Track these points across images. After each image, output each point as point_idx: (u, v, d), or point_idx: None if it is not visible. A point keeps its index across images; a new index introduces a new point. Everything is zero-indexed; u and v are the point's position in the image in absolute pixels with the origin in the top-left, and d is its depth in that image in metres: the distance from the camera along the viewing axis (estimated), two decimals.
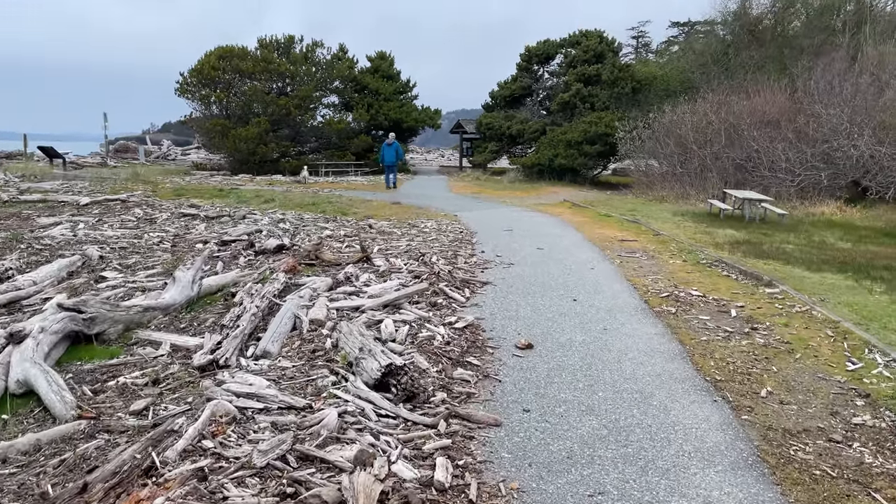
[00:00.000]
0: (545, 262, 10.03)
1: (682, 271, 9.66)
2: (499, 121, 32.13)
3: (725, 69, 30.24)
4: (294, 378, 4.72)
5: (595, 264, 9.97)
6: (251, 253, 9.84)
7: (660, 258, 10.71)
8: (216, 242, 10.99)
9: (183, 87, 30.33)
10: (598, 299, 7.73)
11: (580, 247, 11.62)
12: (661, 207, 19.60)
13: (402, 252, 9.98)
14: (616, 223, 15.10)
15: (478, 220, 14.81)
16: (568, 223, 14.95)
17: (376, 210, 16.06)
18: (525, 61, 33.09)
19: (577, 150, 27.88)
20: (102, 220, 13.68)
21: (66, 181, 20.56)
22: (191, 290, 6.87)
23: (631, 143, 25.89)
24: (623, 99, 29.49)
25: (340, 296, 6.95)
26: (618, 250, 11.35)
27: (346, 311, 6.43)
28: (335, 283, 7.75)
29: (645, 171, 26.13)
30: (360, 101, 33.16)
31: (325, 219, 13.94)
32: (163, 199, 17.42)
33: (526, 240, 12.15)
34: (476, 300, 7.45)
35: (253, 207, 15.76)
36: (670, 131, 24.76)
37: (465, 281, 8.17)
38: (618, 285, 8.51)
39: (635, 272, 9.46)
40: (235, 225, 13.05)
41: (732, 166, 22.68)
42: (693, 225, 15.33)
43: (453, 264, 9.17)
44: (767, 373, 5.41)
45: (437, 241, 11.31)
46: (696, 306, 7.54)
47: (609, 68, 29.58)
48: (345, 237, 11.52)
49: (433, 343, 5.56)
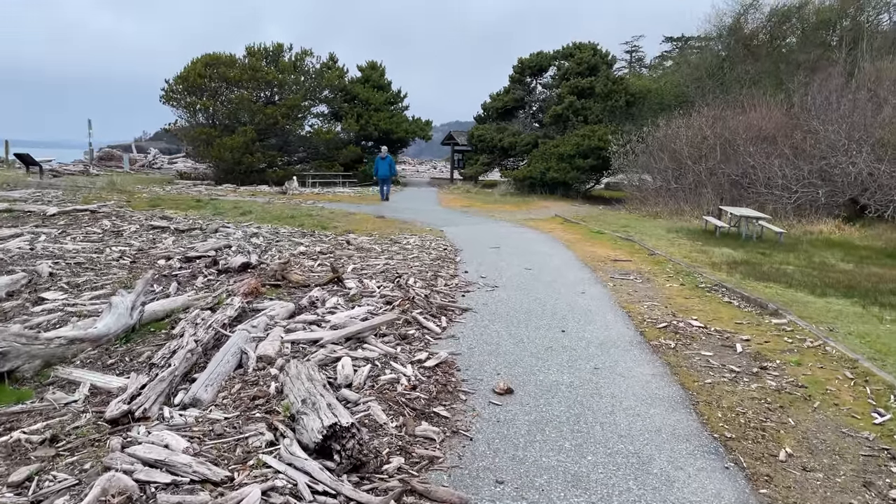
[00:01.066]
0: (533, 284, 9.24)
1: (680, 296, 8.88)
2: (490, 133, 31.43)
3: (721, 83, 29.66)
4: (223, 435, 3.89)
5: (586, 287, 9.19)
6: (213, 272, 9.01)
7: (656, 281, 9.93)
8: (180, 258, 10.16)
9: (168, 95, 29.51)
10: (590, 330, 6.92)
11: (571, 267, 10.83)
12: (655, 224, 18.89)
13: (378, 272, 9.16)
14: (609, 241, 14.34)
15: (464, 237, 14.02)
16: (558, 240, 14.18)
17: (358, 224, 15.25)
18: (518, 73, 32.44)
19: (569, 164, 27.18)
20: (66, 233, 12.83)
21: (40, 189, 19.67)
22: (129, 317, 6.04)
23: (624, 157, 25.23)
24: (616, 112, 28.87)
25: (299, 325, 6.13)
26: (611, 271, 10.58)
27: (302, 344, 5.61)
28: (297, 310, 6.93)
29: (638, 185, 25.43)
30: (349, 112, 32.39)
31: (303, 233, 13.11)
32: (136, 209, 16.56)
33: (513, 258, 11.36)
34: (453, 330, 6.63)
35: (228, 220, 14.93)
36: (664, 146, 24.12)
37: (443, 307, 7.35)
38: (611, 313, 7.72)
39: (630, 297, 8.68)
40: (206, 239, 12.22)
41: (728, 182, 22.02)
42: (688, 243, 14.61)
43: (432, 287, 8.36)
44: (784, 427, 4.61)
45: (419, 260, 10.50)
46: (698, 339, 6.75)
47: (603, 81, 28.95)
48: (319, 254, 10.70)
49: (396, 388, 4.74)
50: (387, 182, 24.14)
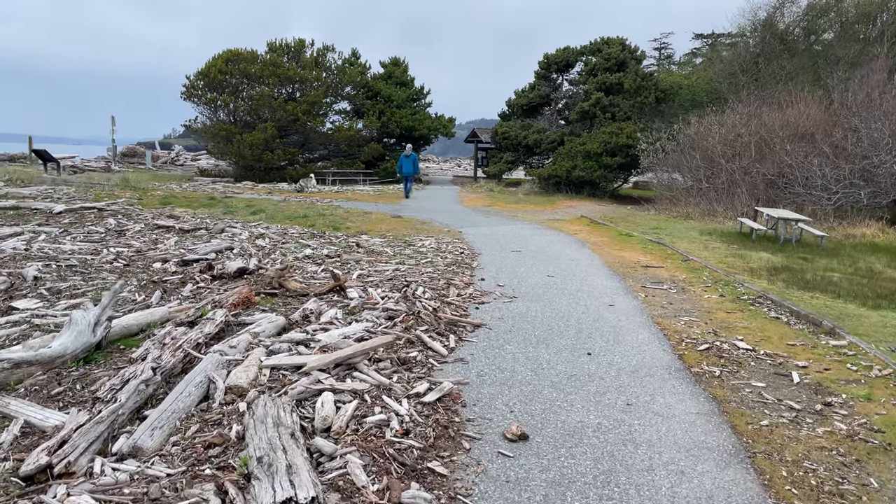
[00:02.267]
0: (555, 294, 8.31)
1: (720, 310, 7.90)
2: (515, 130, 30.42)
3: (755, 79, 28.35)
4: (157, 502, 3.06)
5: (615, 299, 8.23)
6: (207, 277, 8.22)
7: (692, 291, 8.94)
8: (176, 262, 9.41)
9: (189, 91, 28.95)
10: (620, 353, 5.98)
11: (597, 274, 9.87)
12: (687, 225, 17.82)
13: (386, 280, 8.30)
14: (638, 244, 13.33)
15: (484, 239, 13.11)
16: (584, 243, 13.21)
17: (373, 224, 14.41)
18: (544, 69, 31.37)
19: (596, 162, 26.08)
20: (68, 232, 12.18)
21: (53, 186, 19.15)
22: (91, 335, 5.24)
23: (654, 155, 24.10)
24: (646, 109, 27.69)
25: (285, 346, 5.28)
26: (642, 279, 9.60)
27: (284, 370, 4.77)
28: (288, 325, 6.10)
29: (668, 185, 24.28)
30: (371, 108, 31.56)
31: (312, 234, 12.30)
32: (147, 207, 15.91)
33: (535, 264, 10.43)
34: (462, 352, 5.74)
35: (237, 219, 14.19)
36: (696, 144, 22.97)
37: (453, 323, 6.45)
38: (644, 331, 6.76)
39: (664, 311, 7.71)
40: (210, 240, 11.47)
41: (763, 182, 20.82)
42: (723, 246, 13.58)
43: (443, 298, 7.48)
44: (867, 492, 3.65)
45: (432, 265, 9.62)
46: (746, 366, 5.78)
47: (631, 77, 27.77)
48: (325, 258, 9.87)
49: (385, 433, 3.86)
50: (410, 179, 24.34)
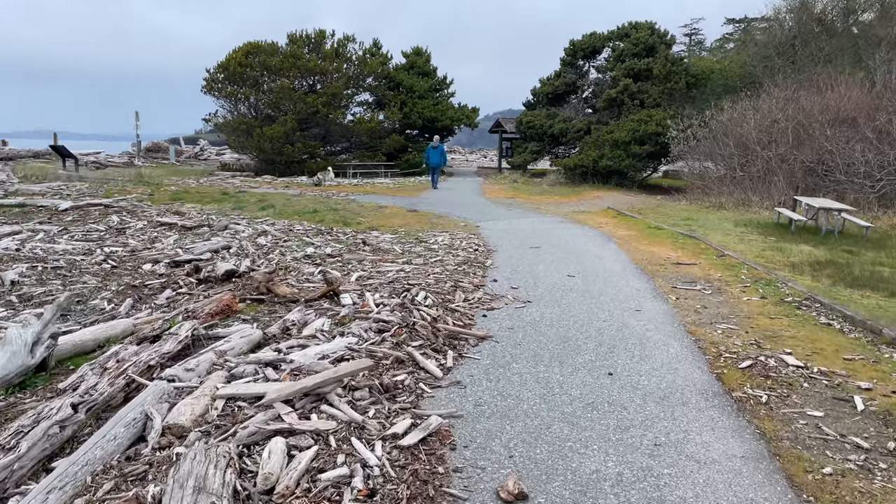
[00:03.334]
0: (575, 297, 7.39)
1: (762, 315, 6.91)
2: (540, 119, 29.32)
3: (791, 62, 26.85)
4: None
5: (642, 302, 7.29)
6: (193, 281, 7.48)
7: (729, 292, 7.96)
8: (168, 263, 8.70)
9: (209, 85, 28.40)
10: (647, 372, 5.06)
11: (624, 273, 8.91)
12: (720, 216, 16.69)
13: (387, 283, 7.46)
14: (669, 238, 12.31)
15: (501, 233, 12.21)
16: (610, 238, 12.23)
17: (387, 219, 13.59)
18: (570, 56, 30.18)
19: (624, 151, 24.92)
20: (67, 230, 11.58)
21: (66, 182, 18.71)
22: (28, 356, 4.49)
23: (685, 143, 22.88)
24: (676, 95, 26.41)
25: (251, 368, 4.48)
26: (673, 279, 8.63)
27: (242, 402, 3.96)
28: (264, 340, 5.30)
29: (700, 174, 23.04)
30: (393, 99, 30.69)
31: (319, 231, 11.52)
32: (156, 203, 15.31)
33: (555, 262, 9.51)
34: (461, 373, 4.87)
35: (244, 215, 13.48)
36: (729, 130, 21.71)
37: (453, 336, 5.58)
38: (675, 343, 5.82)
39: (698, 317, 6.75)
40: (210, 238, 10.77)
41: (801, 170, 19.54)
42: (759, 239, 12.52)
43: (447, 304, 6.61)
44: None
45: (441, 265, 8.75)
46: (797, 388, 4.83)
47: (661, 62, 26.48)
48: (327, 258, 9.07)
49: (343, 497, 3.02)
50: (437, 170, 24.41)
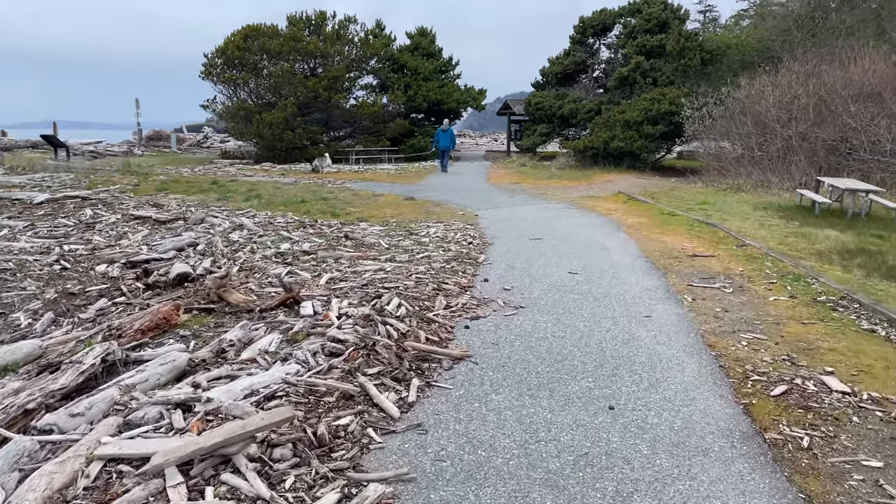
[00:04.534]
0: (575, 301, 6.37)
1: (793, 319, 5.86)
2: (549, 100, 28.11)
3: (811, 35, 25.46)
4: None
5: (653, 306, 6.25)
6: (140, 287, 6.54)
7: (753, 290, 6.90)
8: (123, 263, 7.78)
9: (207, 70, 27.42)
10: (658, 405, 4.03)
11: (633, 269, 7.87)
12: (738, 199, 15.58)
13: (360, 286, 6.47)
14: (684, 225, 11.21)
15: (501, 223, 11.18)
16: (620, 226, 11.16)
17: (379, 209, 12.59)
18: (579, 34, 28.87)
19: (636, 132, 23.69)
20: (34, 226, 10.73)
21: (52, 173, 17.87)
22: None
23: (700, 122, 21.64)
24: (690, 72, 25.09)
25: (155, 411, 3.53)
26: (688, 274, 7.58)
27: (127, 463, 3.02)
28: (192, 365, 4.35)
29: (716, 154, 21.79)
30: (396, 82, 29.55)
31: (301, 223, 10.53)
32: (140, 194, 14.42)
33: (556, 256, 8.47)
34: (424, 410, 3.87)
35: (228, 206, 12.54)
36: (747, 108, 20.44)
37: (424, 357, 4.58)
38: (692, 361, 4.79)
39: (719, 324, 5.71)
40: (182, 233, 9.84)
41: (823, 149, 18.30)
42: (781, 223, 11.47)
43: (423, 313, 5.61)
44: None
45: (428, 262, 7.75)
46: (845, 424, 3.80)
47: (674, 38, 25.14)
48: (301, 255, 8.09)
49: None
50: (447, 154, 24.04)
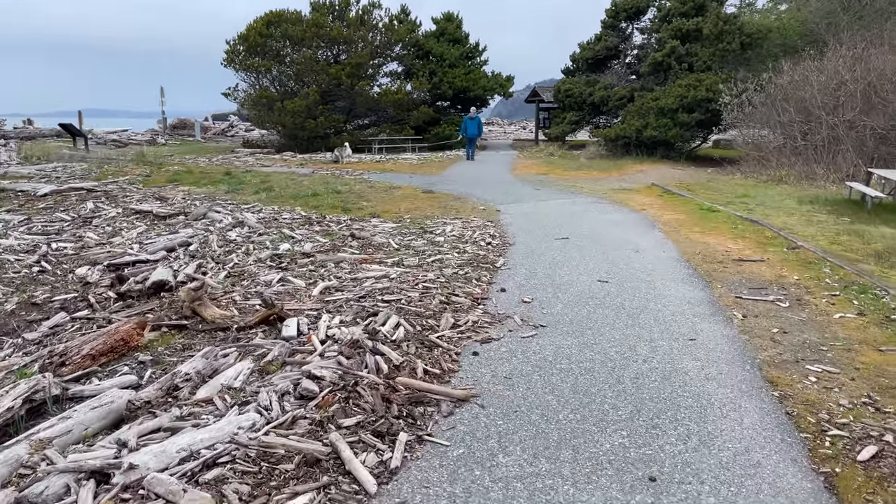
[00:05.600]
0: (605, 318, 5.43)
1: (866, 344, 4.86)
2: (579, 87, 26.90)
3: (858, 18, 23.80)
4: None
5: (697, 325, 5.29)
6: (113, 296, 5.77)
7: (813, 304, 5.88)
8: (106, 266, 7.04)
9: (230, 57, 26.76)
10: (712, 474, 3.08)
11: (671, 276, 6.88)
12: (780, 191, 14.43)
13: (358, 297, 5.61)
14: (726, 223, 10.15)
15: (524, 220, 10.23)
16: (654, 223, 10.14)
17: (395, 202, 11.71)
18: (611, 17, 27.55)
19: (671, 120, 22.44)
20: (30, 220, 10.09)
21: (66, 163, 17.33)
22: None
23: (739, 109, 20.35)
24: (729, 57, 23.68)
25: (62, 482, 2.72)
26: (736, 283, 6.57)
27: None
28: (130, 411, 3.53)
29: (756, 143, 20.48)
30: (421, 69, 28.56)
31: (308, 220, 9.70)
32: (150, 185, 13.77)
33: (584, 260, 7.51)
34: (408, 482, 2.98)
35: (235, 200, 11.78)
36: (790, 94, 19.10)
37: (417, 399, 3.71)
38: (751, 406, 3.82)
39: (778, 351, 4.73)
40: (179, 230, 9.09)
41: (873, 138, 16.95)
42: (830, 219, 10.41)
43: (427, 334, 4.73)
44: None
45: (439, 266, 6.86)
46: None
47: (712, 21, 23.73)
48: (298, 259, 7.26)
49: None
50: (474, 143, 23.75)
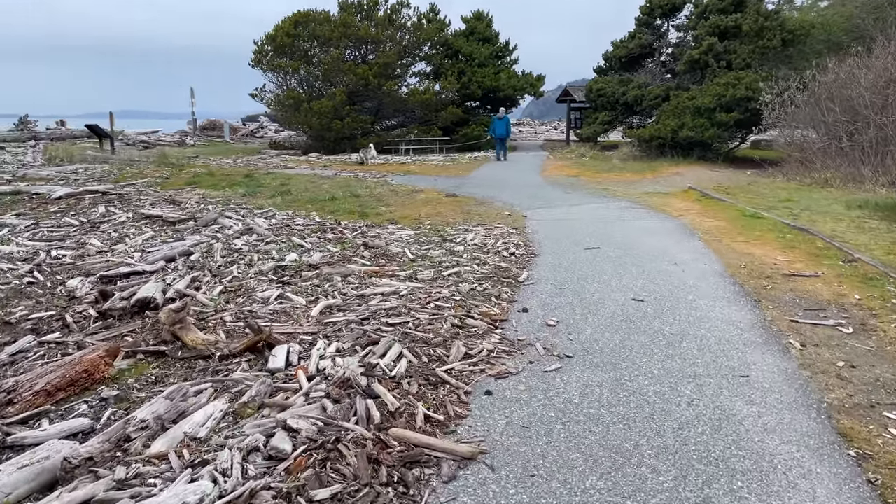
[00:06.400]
0: (641, 346, 4.70)
1: None
2: (612, 86, 26.00)
3: None
4: None
5: (749, 357, 4.53)
6: (94, 315, 5.22)
7: (881, 331, 5.07)
8: (99, 278, 6.52)
9: (257, 58, 26.43)
10: None
11: (715, 294, 6.10)
12: (826, 195, 13.48)
13: (360, 319, 4.98)
14: (772, 231, 9.29)
15: (552, 227, 9.50)
16: (694, 232, 9.33)
17: (416, 207, 11.07)
18: (645, 14, 26.61)
19: (708, 119, 21.43)
20: (38, 224, 9.67)
21: (88, 165, 17.07)
22: None
23: (780, 108, 19.30)
24: (769, 54, 22.57)
25: None
26: (789, 303, 5.78)
27: None
28: (68, 469, 2.93)
29: (799, 144, 19.39)
30: (450, 68, 27.91)
31: (321, 227, 9.09)
32: (168, 188, 13.36)
33: (617, 274, 6.77)
34: None
35: (251, 203, 11.26)
36: (835, 93, 18.02)
37: (412, 459, 3.05)
38: (825, 472, 3.08)
39: (847, 392, 3.96)
40: (186, 236, 8.57)
41: None
42: (883, 226, 9.58)
43: (432, 368, 4.06)
44: None
45: (457, 280, 6.19)
46: None
47: (752, 17, 22.66)
48: (305, 269, 6.65)
49: None
50: (504, 143, 23.58)
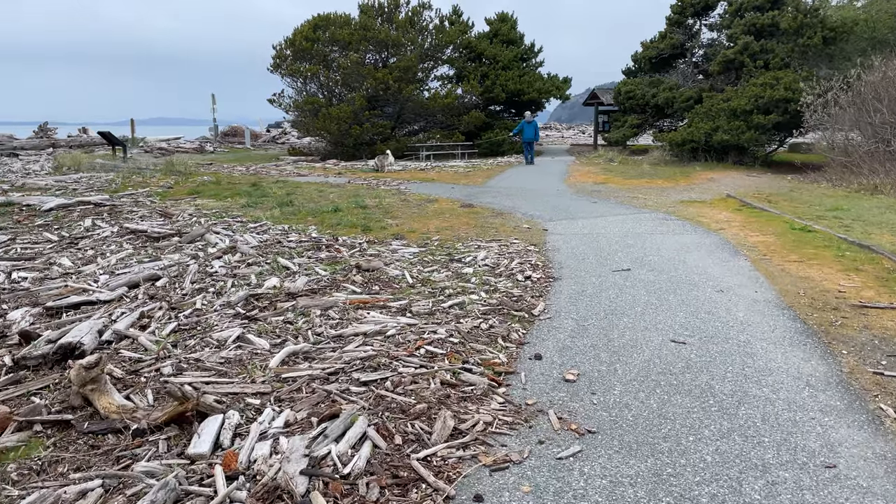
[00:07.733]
0: (685, 415, 3.55)
1: None
2: (641, 88, 24.73)
3: None
4: None
5: (832, 431, 3.36)
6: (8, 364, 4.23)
7: None
8: (45, 309, 5.57)
9: (276, 63, 25.67)
10: None
11: (772, 334, 4.92)
12: (877, 203, 12.16)
13: (328, 374, 3.92)
14: (828, 247, 8.03)
15: (576, 243, 8.36)
16: (738, 249, 8.11)
17: (427, 219, 10.00)
18: (677, 13, 25.32)
19: (744, 122, 20.07)
20: (13, 241, 8.82)
21: (96, 172, 16.34)
22: None
23: (823, 110, 17.90)
24: (809, 53, 21.13)
25: None
26: (866, 347, 4.58)
27: None
28: None
29: (844, 147, 17.96)
30: (473, 71, 26.84)
31: (316, 244, 8.05)
32: (169, 197, 12.51)
33: (651, 305, 5.61)
34: None
35: (248, 216, 10.30)
36: (882, 93, 16.66)
37: None
38: None
39: None
40: (164, 255, 7.62)
41: None
42: None
43: (402, 457, 3.00)
44: None
45: (458, 313, 5.11)
46: None
47: (790, 14, 21.24)
48: (282, 299, 5.62)
49: None
50: (531, 146, 23.22)
